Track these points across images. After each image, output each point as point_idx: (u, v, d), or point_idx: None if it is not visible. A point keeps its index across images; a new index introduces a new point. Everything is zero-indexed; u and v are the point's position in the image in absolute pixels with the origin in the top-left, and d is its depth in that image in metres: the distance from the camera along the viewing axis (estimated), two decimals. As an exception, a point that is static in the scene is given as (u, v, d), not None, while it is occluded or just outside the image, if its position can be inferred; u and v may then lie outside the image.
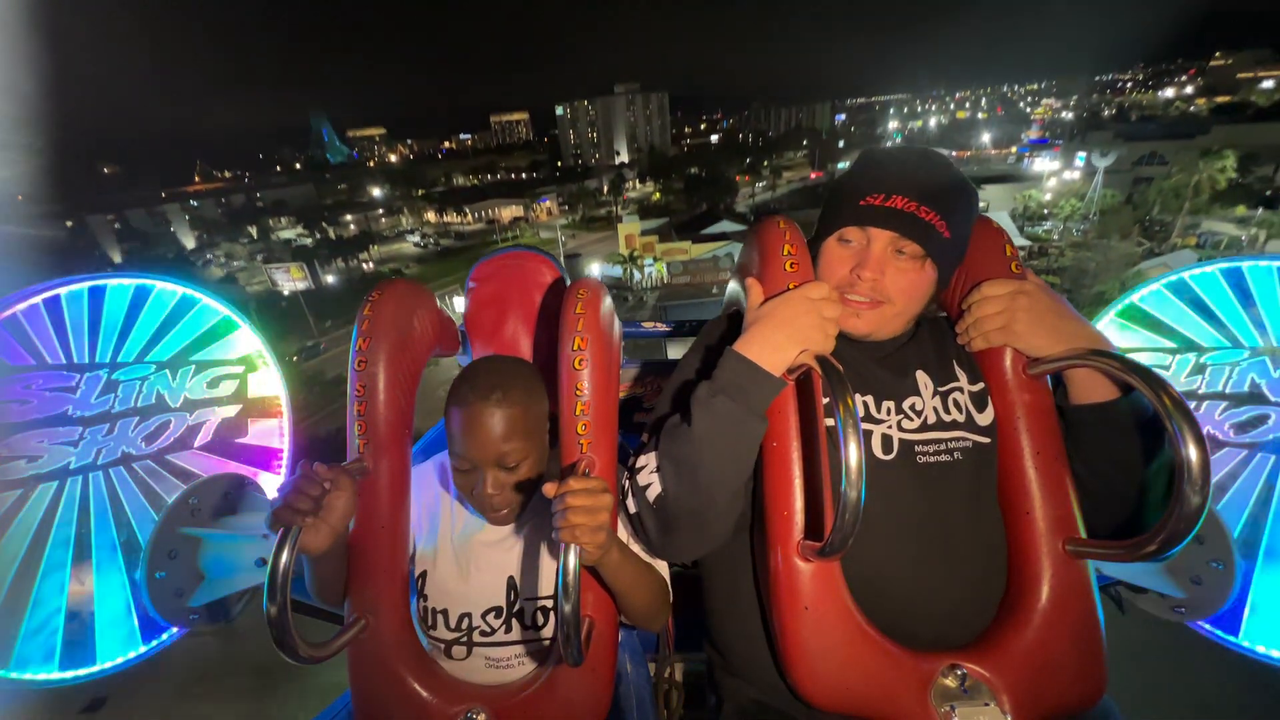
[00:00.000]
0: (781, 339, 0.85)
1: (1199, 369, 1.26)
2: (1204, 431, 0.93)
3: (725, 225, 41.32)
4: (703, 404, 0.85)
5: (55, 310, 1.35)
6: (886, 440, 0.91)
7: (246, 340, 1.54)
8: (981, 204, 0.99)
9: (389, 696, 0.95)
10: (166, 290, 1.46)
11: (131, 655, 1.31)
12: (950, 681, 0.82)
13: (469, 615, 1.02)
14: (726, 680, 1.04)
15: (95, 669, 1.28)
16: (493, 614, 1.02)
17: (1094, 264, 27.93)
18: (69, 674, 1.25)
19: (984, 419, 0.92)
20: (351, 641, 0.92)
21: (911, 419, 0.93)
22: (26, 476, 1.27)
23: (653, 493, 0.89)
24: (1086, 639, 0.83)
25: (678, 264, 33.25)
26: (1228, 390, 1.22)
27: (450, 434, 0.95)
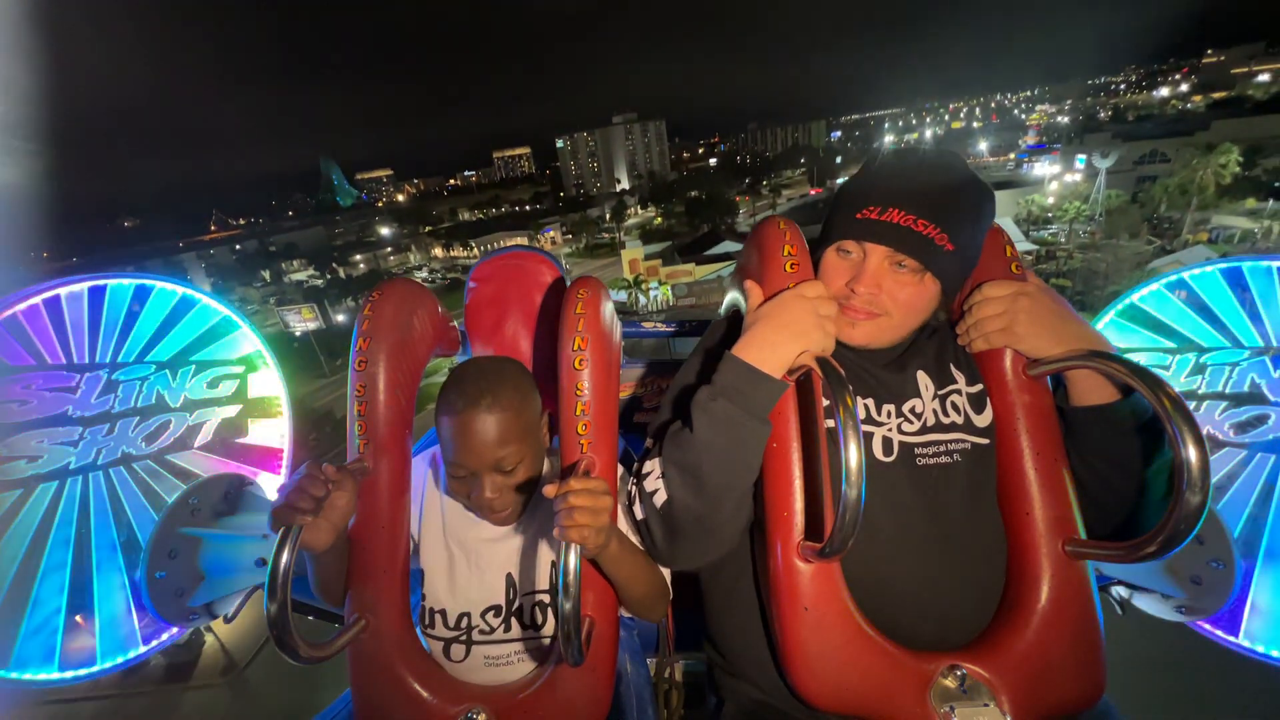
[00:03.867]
0: (780, 340, 0.85)
1: (1199, 369, 1.26)
2: (1204, 432, 0.93)
3: (728, 245, 41.55)
4: (703, 409, 0.85)
5: (55, 310, 1.34)
6: (887, 442, 0.91)
7: (247, 340, 1.54)
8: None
9: (389, 696, 0.95)
10: (166, 290, 1.46)
11: (131, 655, 1.31)
12: (950, 682, 0.82)
13: (468, 615, 1.02)
14: (726, 680, 1.04)
15: (95, 669, 1.28)
16: (491, 612, 1.02)
17: (1104, 264, 27.65)
18: (69, 674, 1.25)
19: (982, 421, 0.92)
20: (351, 641, 0.92)
21: (911, 421, 0.92)
22: (27, 476, 1.27)
23: (659, 499, 0.89)
24: (1086, 639, 0.84)
25: (682, 286, 33.63)
26: (1228, 390, 1.22)
27: (443, 441, 0.94)
